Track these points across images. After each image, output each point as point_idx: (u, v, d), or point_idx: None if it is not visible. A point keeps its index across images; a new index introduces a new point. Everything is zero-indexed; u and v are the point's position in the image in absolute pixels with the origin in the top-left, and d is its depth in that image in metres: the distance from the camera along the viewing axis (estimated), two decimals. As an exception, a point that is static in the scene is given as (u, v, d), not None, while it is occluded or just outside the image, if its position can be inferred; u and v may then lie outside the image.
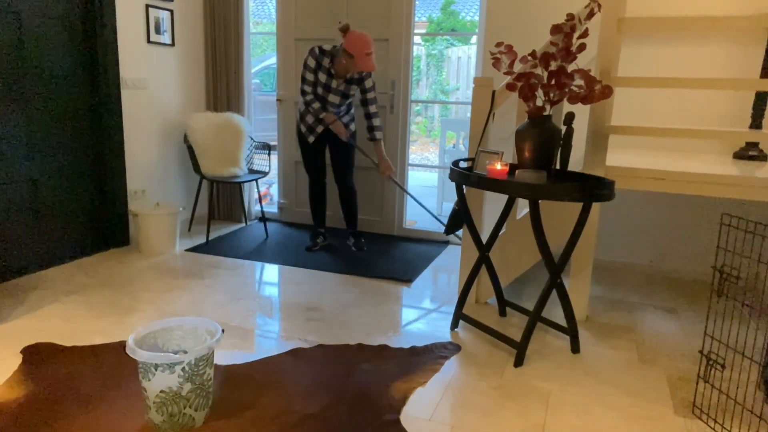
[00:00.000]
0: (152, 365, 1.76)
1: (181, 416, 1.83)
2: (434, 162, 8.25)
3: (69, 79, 3.38)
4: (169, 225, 3.75)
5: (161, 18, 3.94)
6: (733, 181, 2.49)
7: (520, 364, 2.39)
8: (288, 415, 1.95)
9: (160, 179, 4.11)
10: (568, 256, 2.40)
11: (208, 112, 4.24)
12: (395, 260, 3.76)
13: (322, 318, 2.80)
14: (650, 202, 3.62)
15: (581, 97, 2.27)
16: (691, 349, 2.62)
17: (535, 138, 2.32)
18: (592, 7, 2.44)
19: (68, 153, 3.42)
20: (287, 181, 4.64)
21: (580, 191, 2.20)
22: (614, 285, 3.44)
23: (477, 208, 2.95)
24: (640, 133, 2.60)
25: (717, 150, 3.43)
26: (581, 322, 2.85)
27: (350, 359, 2.37)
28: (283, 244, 4.05)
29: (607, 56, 2.56)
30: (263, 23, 9.53)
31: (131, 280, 3.24)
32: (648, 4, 3.38)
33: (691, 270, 3.61)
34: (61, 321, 2.66)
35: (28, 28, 3.11)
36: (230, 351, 2.42)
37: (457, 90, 9.72)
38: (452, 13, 10.76)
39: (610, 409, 2.09)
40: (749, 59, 3.28)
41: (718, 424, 2.00)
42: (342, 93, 3.59)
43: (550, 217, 2.84)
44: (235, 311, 2.86)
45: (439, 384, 2.21)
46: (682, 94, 3.44)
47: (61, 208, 3.43)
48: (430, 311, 2.95)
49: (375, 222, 4.44)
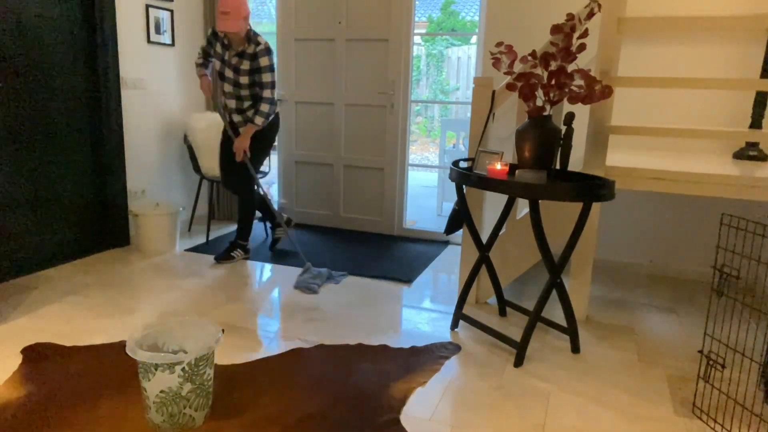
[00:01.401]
0: (152, 365, 1.76)
1: (181, 416, 1.83)
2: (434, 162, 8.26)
3: (69, 80, 3.38)
4: (169, 225, 3.75)
5: (161, 18, 3.94)
6: (733, 181, 2.49)
7: (520, 364, 2.39)
8: (288, 415, 1.95)
9: (160, 179, 4.11)
10: (568, 256, 2.40)
11: (208, 112, 4.24)
12: (395, 260, 3.76)
13: (322, 318, 2.80)
14: (650, 202, 3.62)
15: (581, 97, 2.27)
16: (691, 349, 2.62)
17: (535, 138, 2.32)
18: (592, 7, 2.44)
19: (68, 153, 3.42)
20: (287, 181, 4.64)
21: (580, 191, 2.20)
22: (614, 285, 3.44)
23: (477, 208, 2.95)
24: (640, 133, 2.60)
25: (717, 150, 3.43)
26: (581, 322, 2.85)
27: (350, 359, 2.37)
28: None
29: (607, 56, 2.56)
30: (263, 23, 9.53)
31: (131, 280, 3.24)
32: (648, 4, 3.38)
33: (691, 270, 3.61)
34: (61, 321, 2.66)
35: (28, 28, 3.11)
36: (230, 351, 2.42)
37: (457, 90, 9.72)
38: (452, 13, 10.76)
39: (610, 409, 2.09)
40: (749, 59, 3.28)
41: (718, 424, 1.99)
42: (234, 67, 3.32)
43: (550, 217, 2.84)
44: (235, 311, 2.86)
45: (439, 384, 2.21)
46: (682, 94, 3.44)
47: (61, 208, 3.43)
48: (430, 311, 2.95)
49: (375, 222, 4.44)
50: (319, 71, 4.35)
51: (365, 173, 4.38)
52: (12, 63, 3.06)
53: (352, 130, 4.37)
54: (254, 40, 3.28)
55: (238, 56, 3.30)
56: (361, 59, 4.22)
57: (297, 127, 4.52)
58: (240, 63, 3.29)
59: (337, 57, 4.27)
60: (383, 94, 4.20)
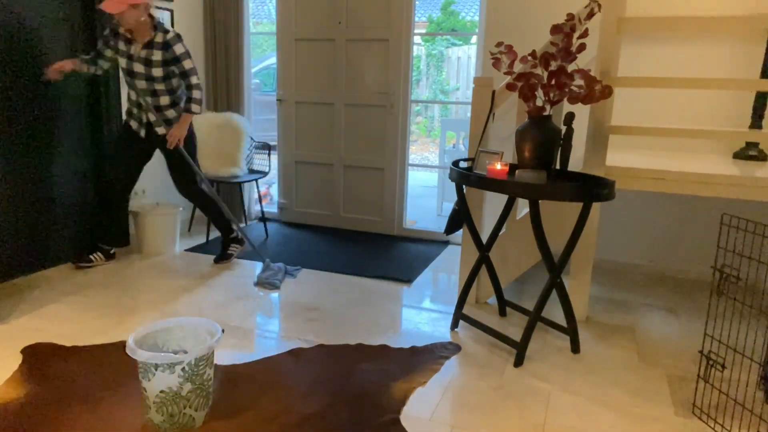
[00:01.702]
0: (152, 365, 1.76)
1: (181, 416, 1.83)
2: (434, 162, 8.25)
3: (69, 81, 3.37)
4: (169, 225, 3.75)
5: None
6: (733, 181, 2.49)
7: (520, 364, 2.39)
8: (288, 415, 1.95)
9: (160, 179, 4.11)
10: (568, 256, 2.40)
11: (208, 112, 4.24)
12: (395, 260, 3.76)
13: (322, 318, 2.80)
14: (650, 202, 3.62)
15: (581, 97, 2.27)
16: (691, 349, 2.62)
17: (535, 138, 2.32)
18: (592, 7, 2.44)
19: (68, 153, 3.42)
20: (287, 181, 4.64)
21: (580, 191, 2.20)
22: (614, 285, 3.44)
23: (477, 208, 2.95)
24: (640, 133, 2.60)
25: (717, 150, 3.43)
26: (581, 322, 2.85)
27: (350, 359, 2.37)
28: (283, 244, 4.05)
29: (607, 56, 2.56)
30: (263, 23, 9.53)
31: (131, 280, 3.24)
32: (648, 4, 3.38)
33: (691, 270, 3.61)
34: (61, 321, 2.66)
35: (28, 29, 3.11)
36: (230, 351, 2.42)
37: (457, 90, 9.72)
38: (452, 13, 10.76)
39: (610, 409, 2.09)
40: (749, 59, 3.28)
41: (718, 424, 1.99)
42: (144, 60, 3.12)
43: (550, 217, 2.84)
44: (235, 311, 2.86)
45: (439, 384, 2.21)
46: (682, 94, 3.44)
47: (61, 208, 3.42)
48: (430, 311, 2.95)
49: (375, 222, 4.44)
50: (319, 71, 4.35)
51: (365, 173, 4.38)
52: (12, 63, 3.05)
53: (352, 130, 4.37)
54: (161, 28, 3.12)
55: (147, 47, 3.11)
56: (361, 59, 4.22)
57: (297, 127, 4.52)
58: (150, 54, 3.11)
59: (337, 57, 4.27)
60: (383, 94, 4.20)
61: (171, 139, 3.24)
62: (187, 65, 3.17)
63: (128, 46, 3.15)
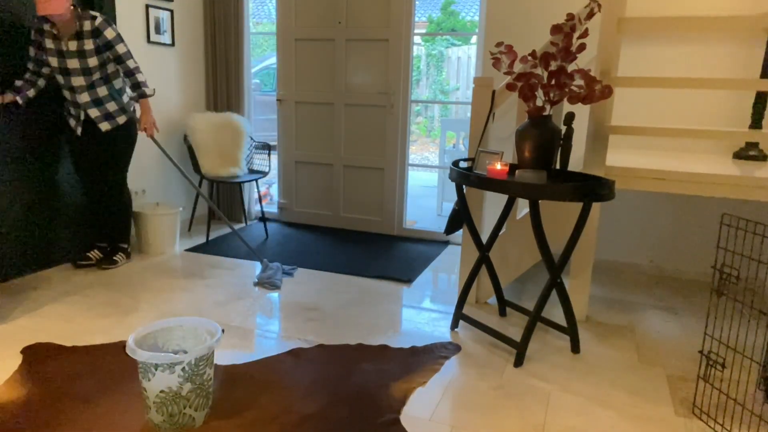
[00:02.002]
0: (152, 365, 1.76)
1: (181, 416, 1.83)
2: (434, 162, 8.25)
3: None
4: (169, 225, 3.75)
5: (161, 18, 3.94)
6: (733, 181, 2.49)
7: (520, 364, 2.39)
8: (288, 415, 1.95)
9: (160, 179, 4.11)
10: (568, 256, 2.39)
11: (208, 112, 4.24)
12: (395, 260, 3.76)
13: (322, 318, 2.80)
14: (650, 202, 3.62)
15: (581, 97, 2.27)
16: (691, 349, 2.62)
17: (535, 138, 2.32)
18: (592, 7, 2.44)
19: (68, 153, 3.42)
20: (287, 181, 4.64)
21: (580, 191, 2.20)
22: (614, 285, 3.44)
23: (477, 208, 2.95)
24: (640, 133, 2.60)
25: (717, 150, 3.43)
26: (581, 322, 2.85)
27: (350, 359, 2.37)
28: (283, 244, 4.05)
29: (607, 56, 2.56)
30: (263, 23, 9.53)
31: (131, 280, 3.24)
32: (648, 4, 3.38)
33: (691, 270, 3.61)
34: (61, 321, 2.66)
35: (28, 28, 3.11)
36: (230, 351, 2.42)
37: (457, 90, 9.72)
38: (452, 13, 10.76)
39: (610, 409, 2.09)
40: (749, 59, 3.28)
41: (718, 424, 1.99)
42: (77, 52, 2.99)
43: (550, 217, 2.84)
44: (235, 311, 2.86)
45: (439, 384, 2.21)
46: (682, 94, 3.44)
47: (61, 208, 3.42)
48: (430, 311, 2.95)
49: (375, 222, 4.44)
50: (319, 71, 4.35)
51: (365, 173, 4.38)
52: (11, 63, 3.05)
53: (352, 130, 4.37)
54: (86, 16, 2.97)
55: (77, 39, 2.98)
56: (361, 59, 4.22)
57: (297, 127, 4.52)
58: (82, 44, 2.97)
59: (337, 57, 4.27)
60: (383, 94, 4.21)
61: (148, 128, 3.29)
62: (121, 49, 3.07)
63: (56, 42, 2.99)
